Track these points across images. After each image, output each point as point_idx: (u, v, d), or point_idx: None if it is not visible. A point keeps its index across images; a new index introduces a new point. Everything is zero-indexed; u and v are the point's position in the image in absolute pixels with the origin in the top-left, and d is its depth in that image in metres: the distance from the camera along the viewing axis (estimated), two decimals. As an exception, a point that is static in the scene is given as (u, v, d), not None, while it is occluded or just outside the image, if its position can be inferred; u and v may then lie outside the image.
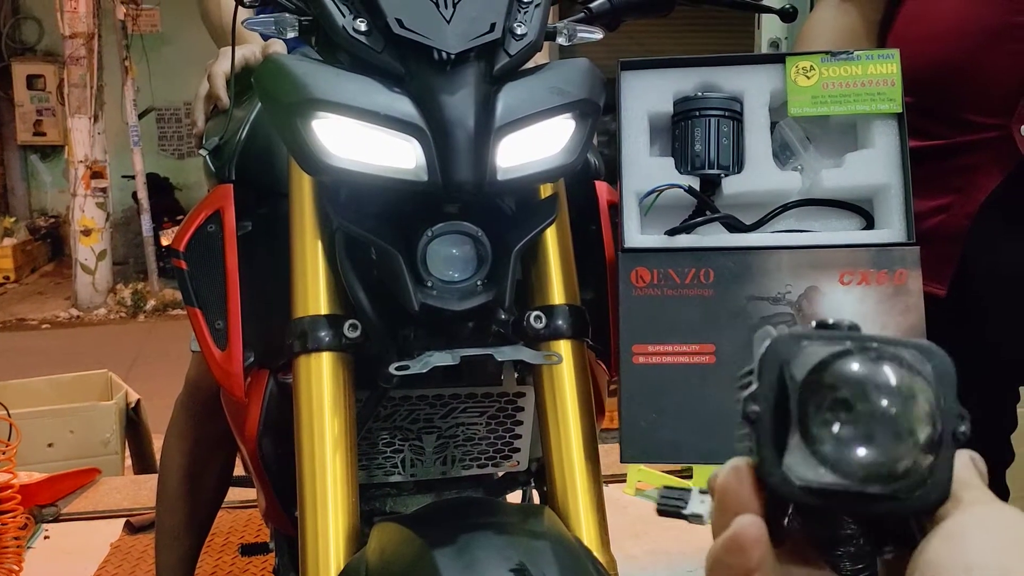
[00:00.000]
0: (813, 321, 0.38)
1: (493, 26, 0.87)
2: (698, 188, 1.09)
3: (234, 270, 1.03)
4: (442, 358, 0.89)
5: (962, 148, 1.21)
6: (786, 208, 1.10)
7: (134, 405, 3.09)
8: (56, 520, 2.59)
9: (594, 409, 1.03)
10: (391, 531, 0.87)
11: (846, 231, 1.09)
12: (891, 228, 1.07)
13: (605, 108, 0.95)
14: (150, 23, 7.62)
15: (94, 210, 7.19)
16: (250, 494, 2.17)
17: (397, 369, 0.89)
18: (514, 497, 1.29)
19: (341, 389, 0.94)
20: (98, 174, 7.14)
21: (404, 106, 0.85)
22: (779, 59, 1.12)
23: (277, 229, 1.03)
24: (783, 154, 1.13)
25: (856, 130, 1.14)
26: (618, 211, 1.08)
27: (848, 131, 1.14)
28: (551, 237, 1.02)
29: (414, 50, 0.86)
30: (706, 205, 1.09)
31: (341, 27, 0.88)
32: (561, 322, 1.00)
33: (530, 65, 0.94)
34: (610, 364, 1.13)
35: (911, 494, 0.36)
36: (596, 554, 0.91)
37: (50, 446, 2.90)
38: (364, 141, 0.86)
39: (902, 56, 1.09)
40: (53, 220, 9.41)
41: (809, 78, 1.10)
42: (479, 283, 0.90)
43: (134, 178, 7.50)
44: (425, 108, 0.85)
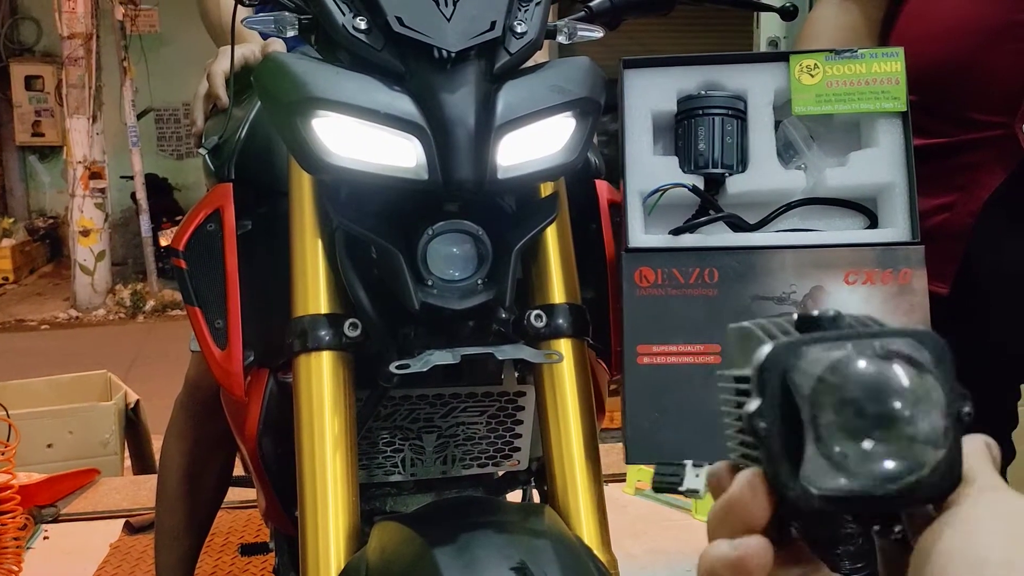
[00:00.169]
0: (794, 314, 0.38)
1: (493, 24, 0.87)
2: (702, 187, 1.09)
3: (234, 269, 1.03)
4: (443, 357, 0.89)
5: (965, 146, 1.21)
6: (790, 207, 1.10)
7: (133, 405, 3.08)
8: (55, 521, 2.59)
9: (594, 408, 1.02)
10: (392, 530, 0.87)
11: (850, 230, 1.09)
12: (895, 227, 1.07)
13: (605, 108, 0.95)
14: (148, 23, 7.61)
15: (93, 211, 7.18)
16: (250, 494, 2.16)
17: (398, 368, 0.88)
18: (514, 496, 1.29)
19: (341, 388, 0.93)
20: (97, 175, 7.13)
21: (404, 104, 0.85)
22: (783, 57, 1.11)
23: (277, 228, 1.03)
24: (787, 153, 1.13)
25: (860, 129, 1.13)
26: (621, 210, 1.08)
27: (852, 130, 1.14)
28: (551, 236, 1.02)
29: (414, 48, 0.86)
30: (710, 204, 1.09)
31: (341, 25, 0.88)
32: (562, 321, 1.00)
33: (530, 64, 0.94)
34: (610, 363, 1.13)
35: (927, 484, 0.36)
36: (597, 553, 0.91)
37: (49, 447, 2.90)
38: (364, 140, 0.86)
39: (905, 54, 1.09)
40: (52, 221, 9.40)
41: (813, 76, 1.09)
42: (479, 282, 0.90)
43: (133, 179, 7.48)
44: (425, 106, 0.85)
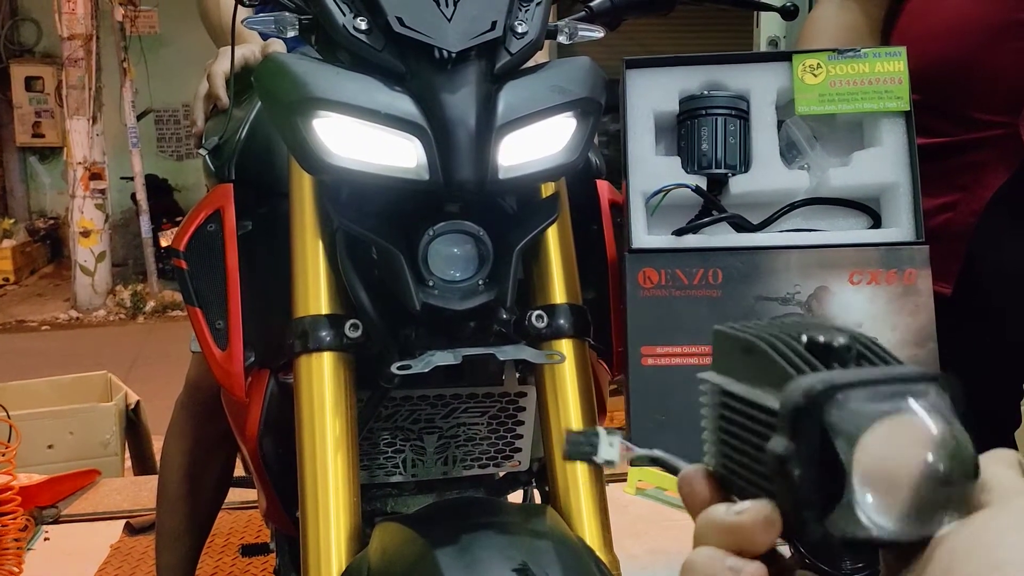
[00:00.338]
0: (803, 336, 0.37)
1: (494, 24, 0.87)
2: (705, 188, 1.09)
3: (234, 269, 1.03)
4: (444, 357, 0.89)
5: (968, 146, 1.20)
6: (793, 207, 1.10)
7: (134, 406, 3.08)
8: (56, 522, 2.58)
9: (596, 408, 1.02)
10: (393, 531, 0.87)
11: (854, 230, 1.09)
12: (900, 227, 1.07)
13: (605, 108, 0.95)
14: (148, 24, 7.60)
15: (93, 212, 7.17)
16: (250, 495, 2.16)
17: (399, 369, 0.88)
18: (515, 497, 1.29)
19: (342, 389, 0.93)
20: (97, 175, 7.12)
21: (405, 105, 0.85)
22: (785, 57, 1.11)
23: (277, 228, 1.02)
24: (790, 153, 1.12)
25: (863, 128, 1.13)
26: (624, 211, 1.08)
27: (855, 129, 1.14)
28: (552, 236, 1.01)
29: (415, 49, 0.86)
30: (713, 205, 1.09)
31: (341, 26, 0.87)
32: (563, 321, 0.99)
33: (531, 64, 0.94)
34: (612, 363, 1.12)
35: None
36: (599, 554, 0.91)
37: (50, 447, 2.90)
38: (365, 140, 0.86)
39: (907, 53, 1.09)
40: (52, 222, 9.39)
41: (816, 76, 1.09)
42: (480, 282, 0.90)
43: (133, 179, 7.48)
44: (426, 107, 0.85)
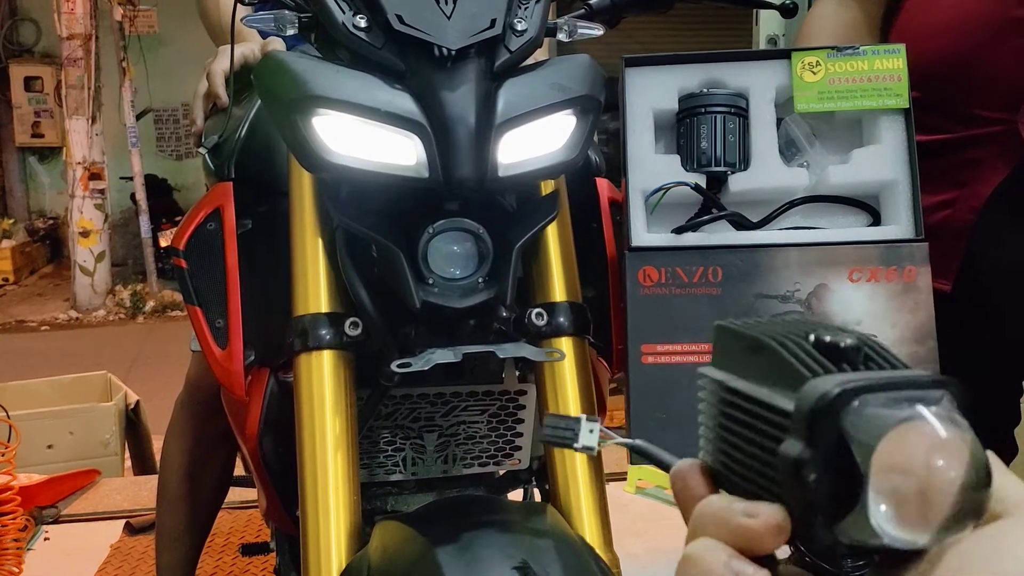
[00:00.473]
0: (811, 335, 0.36)
1: (493, 22, 0.87)
2: (704, 186, 1.09)
3: (234, 268, 1.03)
4: (444, 355, 0.89)
5: (967, 142, 1.20)
6: (793, 205, 1.10)
7: (134, 406, 3.08)
8: (56, 522, 2.58)
9: (596, 406, 1.02)
10: (393, 530, 0.87)
11: (854, 228, 1.09)
12: (899, 224, 1.07)
13: (604, 106, 0.95)
14: (147, 24, 7.59)
15: (92, 211, 7.16)
16: (250, 494, 2.16)
17: (399, 367, 0.88)
18: (515, 495, 1.29)
19: (342, 387, 0.93)
20: (96, 175, 7.11)
21: (405, 103, 0.85)
22: (784, 55, 1.11)
23: (277, 227, 1.02)
24: (789, 151, 1.13)
25: (862, 126, 1.13)
26: (624, 210, 1.08)
27: (854, 127, 1.14)
28: (552, 234, 1.01)
29: (414, 46, 0.86)
30: (713, 203, 1.09)
31: (341, 24, 0.87)
32: (562, 319, 0.99)
33: (530, 62, 0.94)
34: (611, 361, 1.12)
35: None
36: (599, 552, 0.91)
37: (50, 447, 2.89)
38: (364, 138, 0.86)
39: (907, 50, 1.09)
40: (51, 222, 9.39)
41: (815, 74, 1.09)
42: (480, 280, 0.90)
43: (132, 179, 7.47)
44: (426, 104, 0.84)
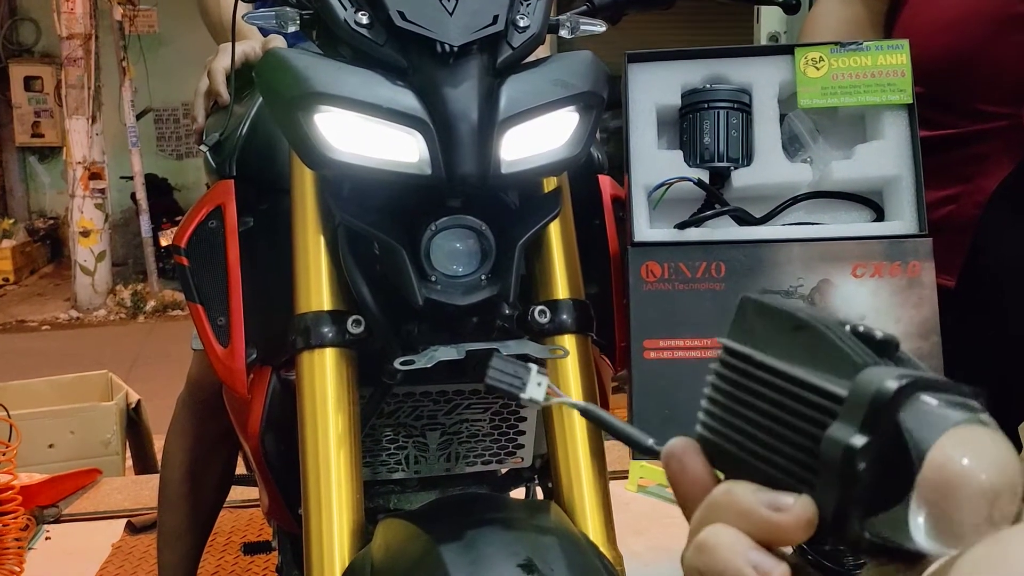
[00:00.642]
0: (847, 326, 0.35)
1: (496, 18, 0.87)
2: (707, 181, 1.09)
3: (236, 266, 1.02)
4: (447, 353, 0.89)
5: (972, 138, 1.20)
6: (796, 200, 1.10)
7: (134, 405, 3.08)
8: (57, 521, 2.58)
9: (599, 404, 1.02)
10: (396, 527, 0.86)
11: (857, 223, 1.09)
12: (902, 220, 1.07)
13: (606, 104, 0.94)
14: (147, 24, 7.60)
15: (93, 211, 7.16)
16: (252, 493, 2.15)
17: (402, 364, 0.88)
18: (517, 494, 1.29)
19: (345, 385, 0.93)
20: (96, 175, 7.11)
21: (407, 99, 0.84)
22: (787, 50, 1.11)
23: (279, 225, 1.02)
24: (792, 146, 1.12)
25: (865, 121, 1.13)
26: (627, 205, 1.07)
27: (857, 122, 1.14)
28: (555, 231, 1.01)
29: (416, 43, 0.85)
30: (716, 198, 1.09)
31: (343, 20, 0.87)
32: (566, 316, 0.99)
33: (532, 58, 0.93)
34: (614, 359, 1.12)
35: None
36: (603, 550, 0.91)
37: (51, 447, 2.89)
38: (366, 135, 0.85)
39: (910, 46, 1.08)
40: (52, 221, 9.39)
41: (818, 69, 1.09)
42: (483, 277, 0.90)
43: (132, 179, 7.47)
44: (428, 101, 0.84)
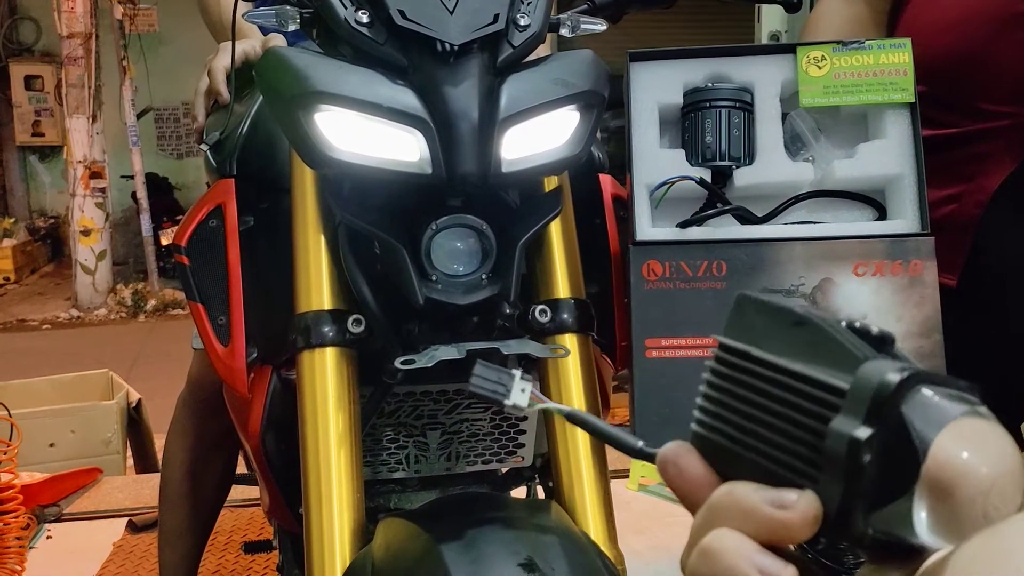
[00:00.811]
0: (843, 322, 0.35)
1: (496, 17, 0.87)
2: (709, 180, 1.09)
3: (236, 265, 1.02)
4: (448, 352, 0.88)
5: (974, 137, 1.20)
6: (798, 200, 1.09)
7: (135, 405, 3.08)
8: (58, 520, 2.58)
9: (599, 403, 1.02)
10: (397, 527, 0.86)
11: (859, 222, 1.09)
12: (904, 218, 1.07)
13: (607, 103, 0.94)
14: (147, 23, 7.61)
15: (93, 210, 7.17)
16: (253, 492, 2.15)
17: (403, 363, 0.88)
18: (518, 493, 1.29)
19: (345, 385, 0.93)
20: (97, 174, 7.12)
21: (407, 98, 0.84)
22: (789, 49, 1.11)
23: (279, 224, 1.02)
24: (794, 145, 1.12)
25: (867, 120, 1.13)
26: (628, 204, 1.07)
27: (859, 121, 1.13)
28: (556, 230, 1.01)
29: (417, 42, 0.85)
30: (717, 197, 1.09)
31: (343, 19, 0.87)
32: (566, 316, 0.99)
33: (533, 57, 0.93)
34: (615, 358, 1.12)
35: None
36: (604, 549, 0.91)
37: (52, 446, 2.89)
38: (367, 134, 0.85)
39: (913, 45, 1.08)
40: (52, 221, 9.40)
41: (820, 68, 1.09)
42: (484, 277, 0.89)
43: (133, 178, 7.48)
44: (428, 100, 0.84)
